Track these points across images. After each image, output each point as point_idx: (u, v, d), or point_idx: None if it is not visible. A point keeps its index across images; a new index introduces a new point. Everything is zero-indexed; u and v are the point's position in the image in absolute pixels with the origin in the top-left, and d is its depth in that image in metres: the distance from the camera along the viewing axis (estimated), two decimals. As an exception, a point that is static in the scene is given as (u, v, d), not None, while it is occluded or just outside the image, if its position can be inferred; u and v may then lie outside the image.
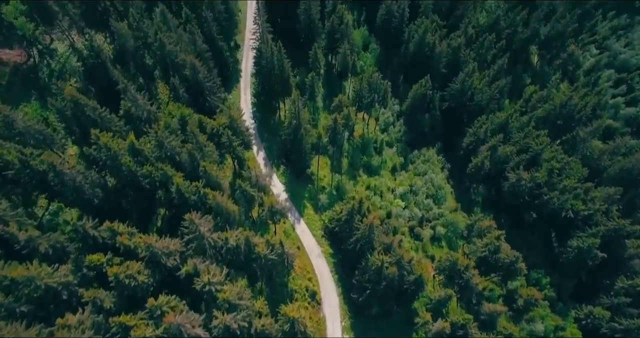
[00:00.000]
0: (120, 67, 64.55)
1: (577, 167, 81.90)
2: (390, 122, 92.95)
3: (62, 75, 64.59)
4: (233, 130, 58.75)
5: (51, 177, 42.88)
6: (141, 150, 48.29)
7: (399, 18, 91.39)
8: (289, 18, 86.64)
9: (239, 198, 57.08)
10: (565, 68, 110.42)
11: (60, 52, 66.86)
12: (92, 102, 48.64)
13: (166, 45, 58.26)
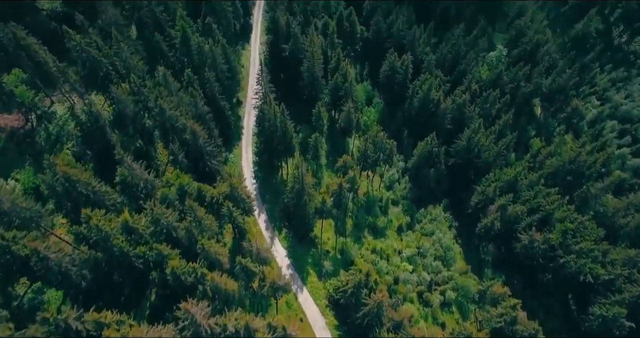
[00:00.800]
0: (119, 130, 62.81)
1: (592, 227, 78.49)
2: (395, 179, 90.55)
3: (59, 140, 62.73)
4: (234, 199, 55.92)
5: (34, 261, 39.55)
6: (135, 228, 45.20)
7: (402, 74, 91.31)
8: (292, 75, 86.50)
9: (238, 274, 53.37)
10: (570, 121, 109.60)
11: (59, 115, 65.42)
12: (86, 174, 46.06)
13: (166, 111, 56.66)
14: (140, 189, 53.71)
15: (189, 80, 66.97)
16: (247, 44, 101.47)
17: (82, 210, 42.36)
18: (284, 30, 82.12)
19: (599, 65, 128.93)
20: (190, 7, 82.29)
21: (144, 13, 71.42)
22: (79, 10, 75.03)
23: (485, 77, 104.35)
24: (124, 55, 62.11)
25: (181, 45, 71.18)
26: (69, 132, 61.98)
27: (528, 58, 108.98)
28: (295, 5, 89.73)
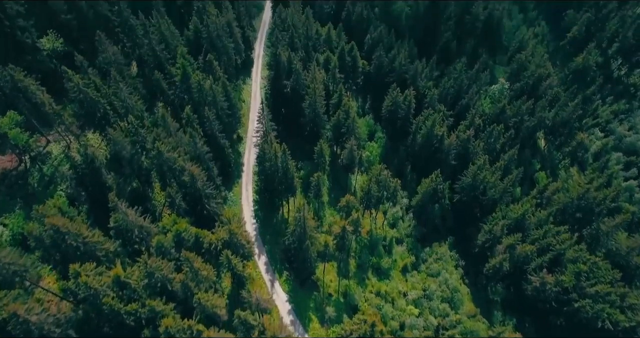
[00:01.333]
0: (115, 171, 60.70)
1: (607, 268, 75.32)
2: (399, 217, 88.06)
3: (53, 181, 60.62)
4: (233, 245, 53.29)
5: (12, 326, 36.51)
6: (128, 283, 42.44)
7: (405, 109, 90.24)
8: (293, 110, 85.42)
9: (237, 326, 50.10)
10: (575, 154, 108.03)
11: (54, 155, 63.56)
12: (75, 225, 43.56)
13: (164, 153, 54.78)
14: (134, 236, 51.18)
15: (189, 119, 65.51)
16: (249, 78, 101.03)
17: (70, 266, 39.72)
18: (285, 66, 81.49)
19: (600, 97, 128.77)
20: (192, 44, 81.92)
21: (145, 51, 70.77)
22: (80, 49, 74.80)
23: (488, 111, 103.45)
24: (123, 95, 60.87)
25: (181, 83, 70.18)
26: (63, 174, 59.90)
27: (530, 91, 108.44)
28: (297, 40, 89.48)
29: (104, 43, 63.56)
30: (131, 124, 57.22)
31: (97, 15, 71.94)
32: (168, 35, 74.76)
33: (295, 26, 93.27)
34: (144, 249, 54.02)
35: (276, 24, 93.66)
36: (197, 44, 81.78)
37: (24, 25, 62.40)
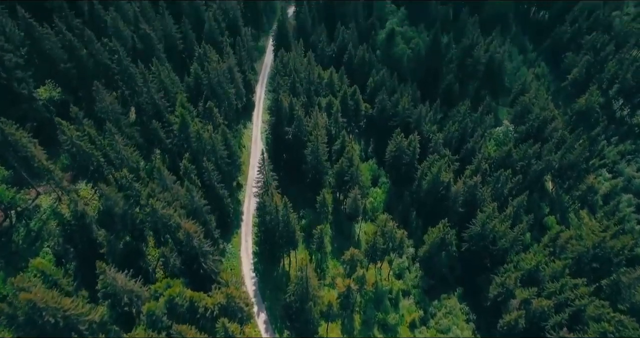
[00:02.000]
0: (106, 227, 57.36)
1: (634, 327, 70.35)
2: (405, 267, 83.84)
3: (39, 237, 57.24)
4: (230, 310, 49.20)
5: None
6: (112, 363, 38.32)
7: (410, 155, 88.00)
8: (295, 157, 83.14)
9: None
10: (585, 198, 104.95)
11: (43, 208, 60.46)
12: (55, 298, 39.77)
13: (158, 211, 51.69)
14: (124, 301, 47.26)
15: (186, 170, 62.91)
16: (249, 122, 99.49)
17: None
18: (287, 112, 79.90)
19: (605, 138, 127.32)
20: (192, 90, 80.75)
21: (144, 99, 69.26)
22: (79, 96, 73.50)
23: (494, 155, 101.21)
24: (118, 146, 58.54)
25: (180, 132, 68.13)
26: (51, 231, 56.61)
27: (536, 134, 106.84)
28: (299, 85, 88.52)
29: (101, 93, 61.92)
30: (125, 178, 54.48)
31: (97, 64, 70.97)
32: (168, 82, 73.54)
33: (297, 70, 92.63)
34: (135, 312, 50.03)
35: (278, 69, 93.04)
36: (197, 90, 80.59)
37: (21, 76, 61.12)
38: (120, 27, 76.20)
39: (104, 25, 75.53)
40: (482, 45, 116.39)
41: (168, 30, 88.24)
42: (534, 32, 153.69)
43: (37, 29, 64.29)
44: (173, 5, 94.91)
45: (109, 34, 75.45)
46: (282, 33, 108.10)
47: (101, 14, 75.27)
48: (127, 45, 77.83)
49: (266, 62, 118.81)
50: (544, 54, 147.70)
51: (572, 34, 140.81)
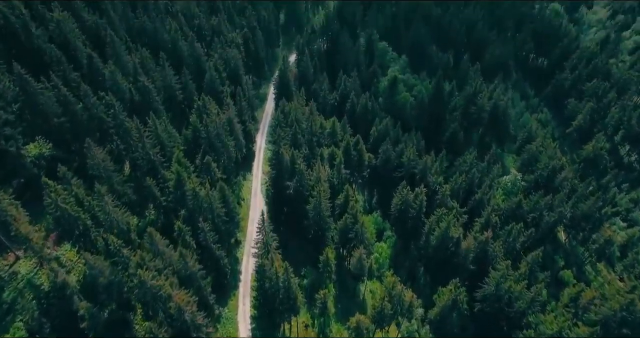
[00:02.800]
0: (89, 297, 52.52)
1: None
2: (414, 330, 77.58)
3: (12, 309, 52.04)
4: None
5: None
6: None
7: (416, 209, 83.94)
8: (296, 211, 79.16)
9: None
10: (603, 251, 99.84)
11: (21, 275, 55.60)
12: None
13: (147, 282, 47.03)
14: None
15: (180, 232, 58.74)
16: (249, 173, 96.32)
17: None
18: (288, 166, 76.77)
19: (616, 185, 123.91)
20: (190, 143, 78.08)
21: (138, 154, 66.27)
22: (72, 150, 70.55)
23: (503, 206, 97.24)
24: (107, 208, 54.71)
25: (175, 189, 64.54)
26: (24, 305, 51.46)
27: (545, 183, 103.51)
28: (300, 136, 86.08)
29: (93, 150, 58.89)
30: (113, 244, 50.25)
31: (92, 117, 68.59)
32: (164, 136, 70.91)
33: (299, 121, 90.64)
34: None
35: (279, 120, 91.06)
36: (195, 143, 77.94)
37: (10, 133, 58.35)
38: (119, 79, 74.66)
39: (102, 78, 73.92)
40: (486, 92, 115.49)
41: (168, 81, 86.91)
42: (534, 78, 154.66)
43: (32, 84, 62.30)
44: (174, 56, 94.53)
45: (106, 87, 73.73)
46: (283, 82, 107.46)
47: (100, 67, 73.85)
48: (125, 98, 76.01)
49: (267, 110, 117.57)
50: (545, 100, 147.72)
51: (572, 81, 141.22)
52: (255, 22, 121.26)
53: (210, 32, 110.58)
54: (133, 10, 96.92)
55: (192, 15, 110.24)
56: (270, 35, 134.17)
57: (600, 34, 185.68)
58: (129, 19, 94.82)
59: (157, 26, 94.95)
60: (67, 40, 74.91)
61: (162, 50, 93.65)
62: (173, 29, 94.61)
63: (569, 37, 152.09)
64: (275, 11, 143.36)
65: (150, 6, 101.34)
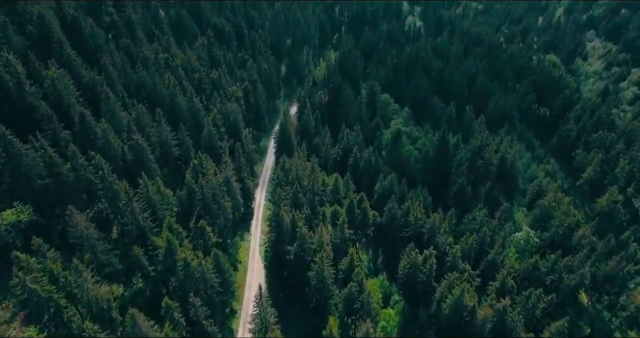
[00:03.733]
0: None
1: None
2: None
3: None
4: None
5: None
6: None
7: (426, 273, 77.56)
8: (296, 277, 72.97)
9: None
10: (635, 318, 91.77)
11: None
12: None
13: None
14: None
15: (168, 308, 52.46)
16: (247, 232, 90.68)
17: None
18: (288, 229, 71.56)
19: (635, 240, 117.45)
20: (185, 204, 73.36)
21: (127, 220, 61.28)
22: (55, 213, 65.62)
23: (518, 267, 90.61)
24: (86, 285, 48.86)
25: (165, 258, 58.93)
26: None
27: (561, 241, 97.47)
28: (301, 196, 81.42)
29: (75, 217, 53.92)
30: (88, 330, 43.95)
31: (79, 179, 64.33)
32: (156, 199, 66.19)
33: (300, 178, 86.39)
34: None
35: (279, 179, 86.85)
36: (190, 204, 73.29)
37: (-15, 199, 54.06)
38: (111, 138, 71.17)
39: (94, 136, 70.51)
40: (493, 145, 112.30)
41: (164, 138, 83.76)
42: (538, 129, 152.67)
43: (16, 145, 58.60)
44: (172, 111, 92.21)
45: (97, 146, 70.15)
46: (284, 136, 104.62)
47: (92, 126, 70.66)
48: (117, 157, 72.26)
49: (267, 164, 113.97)
50: (552, 151, 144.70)
51: (578, 132, 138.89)
52: (256, 75, 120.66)
53: (210, 85, 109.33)
54: (132, 65, 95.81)
55: (192, 68, 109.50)
56: (271, 87, 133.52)
57: (599, 85, 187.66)
58: (128, 74, 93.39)
59: (156, 81, 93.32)
60: (61, 98, 72.36)
61: (159, 105, 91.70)
62: (172, 83, 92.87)
63: (570, 88, 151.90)
64: (276, 63, 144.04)
65: (150, 61, 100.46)
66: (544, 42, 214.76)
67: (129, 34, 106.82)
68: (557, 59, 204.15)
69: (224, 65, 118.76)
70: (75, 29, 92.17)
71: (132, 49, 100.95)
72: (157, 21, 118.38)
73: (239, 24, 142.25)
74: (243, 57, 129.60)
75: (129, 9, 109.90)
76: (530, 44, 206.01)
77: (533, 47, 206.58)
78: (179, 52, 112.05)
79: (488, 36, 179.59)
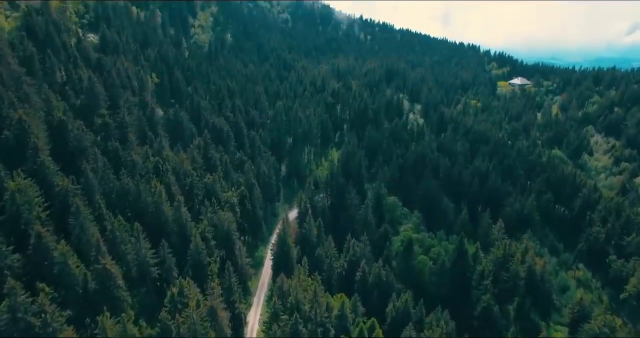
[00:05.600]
0: None
1: None
2: None
3: None
4: None
5: None
6: None
7: None
8: None
9: None
10: None
11: None
12: None
13: None
14: None
15: None
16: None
17: None
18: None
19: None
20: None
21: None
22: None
23: None
24: None
25: None
26: None
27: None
28: (302, 328, 66.30)
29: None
30: None
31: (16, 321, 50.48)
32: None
33: (300, 303, 72.11)
34: None
35: (276, 307, 72.37)
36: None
37: None
38: (71, 263, 58.90)
39: (50, 261, 58.34)
40: (518, 256, 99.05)
41: (142, 257, 71.48)
42: (560, 230, 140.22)
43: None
44: (155, 223, 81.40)
45: (53, 273, 57.63)
46: (282, 250, 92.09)
47: (49, 248, 58.89)
48: (77, 287, 59.25)
49: (263, 279, 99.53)
50: (580, 256, 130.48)
51: (607, 235, 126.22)
52: (254, 179, 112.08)
53: (203, 191, 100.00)
54: (117, 171, 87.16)
55: (184, 172, 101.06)
56: (269, 190, 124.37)
57: (611, 180, 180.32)
58: (110, 181, 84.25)
59: (141, 188, 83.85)
60: (19, 214, 61.76)
61: (143, 215, 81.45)
62: (158, 191, 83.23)
63: (587, 187, 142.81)
64: (276, 164, 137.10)
65: (138, 165, 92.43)
66: (547, 138, 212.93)
67: (121, 135, 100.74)
68: (563, 154, 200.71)
69: (220, 168, 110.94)
70: (60, 132, 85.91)
71: (120, 152, 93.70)
72: (152, 122, 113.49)
73: (238, 124, 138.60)
74: (241, 158, 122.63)
75: (123, 110, 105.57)
76: (534, 140, 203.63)
77: (537, 142, 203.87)
78: (172, 155, 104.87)
79: (492, 133, 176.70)
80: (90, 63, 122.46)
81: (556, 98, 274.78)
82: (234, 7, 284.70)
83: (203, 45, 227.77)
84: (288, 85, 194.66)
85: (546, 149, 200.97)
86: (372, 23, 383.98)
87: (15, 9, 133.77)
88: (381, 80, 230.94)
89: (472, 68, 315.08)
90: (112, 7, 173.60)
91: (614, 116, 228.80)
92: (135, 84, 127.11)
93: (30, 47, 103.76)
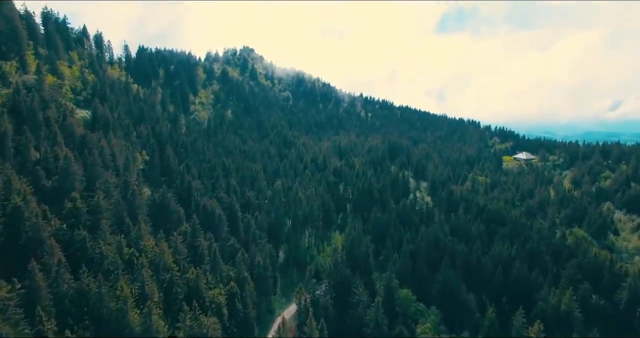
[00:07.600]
0: None
1: None
2: None
3: None
4: None
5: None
6: None
7: None
8: None
9: None
10: None
11: None
12: None
13: None
14: None
15: None
16: None
17: None
18: None
19: None
20: None
21: None
22: None
23: None
24: None
25: None
26: None
27: None
28: None
29: None
30: None
31: None
32: None
33: None
34: None
35: None
36: None
37: None
38: None
39: None
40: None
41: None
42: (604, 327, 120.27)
43: None
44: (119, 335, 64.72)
45: None
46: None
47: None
48: None
49: None
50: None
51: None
52: (246, 272, 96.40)
53: (185, 288, 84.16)
54: (75, 270, 72.12)
55: (165, 267, 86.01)
56: (265, 283, 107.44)
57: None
58: (64, 284, 69.05)
59: (103, 292, 68.49)
60: None
61: (105, 324, 65.35)
62: (124, 295, 67.82)
63: (633, 275, 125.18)
64: (273, 251, 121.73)
65: (106, 260, 77.85)
66: (565, 216, 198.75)
67: (93, 222, 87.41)
68: (585, 233, 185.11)
69: (208, 259, 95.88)
70: (14, 220, 73.06)
71: (87, 243, 79.81)
72: (132, 206, 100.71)
73: (232, 206, 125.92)
74: (233, 246, 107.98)
75: (99, 193, 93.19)
76: (553, 219, 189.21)
77: (556, 222, 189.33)
78: (152, 244, 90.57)
79: (508, 212, 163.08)
80: (73, 140, 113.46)
81: (565, 172, 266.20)
82: (236, 84, 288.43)
83: (202, 121, 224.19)
84: (288, 163, 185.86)
85: (564, 227, 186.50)
86: (373, 100, 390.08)
87: (6, 86, 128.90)
88: (385, 157, 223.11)
89: (475, 143, 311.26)
90: (110, 84, 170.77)
91: (633, 192, 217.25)
92: (120, 163, 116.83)
93: (5, 123, 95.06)
